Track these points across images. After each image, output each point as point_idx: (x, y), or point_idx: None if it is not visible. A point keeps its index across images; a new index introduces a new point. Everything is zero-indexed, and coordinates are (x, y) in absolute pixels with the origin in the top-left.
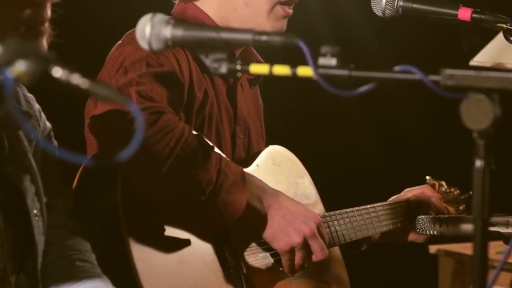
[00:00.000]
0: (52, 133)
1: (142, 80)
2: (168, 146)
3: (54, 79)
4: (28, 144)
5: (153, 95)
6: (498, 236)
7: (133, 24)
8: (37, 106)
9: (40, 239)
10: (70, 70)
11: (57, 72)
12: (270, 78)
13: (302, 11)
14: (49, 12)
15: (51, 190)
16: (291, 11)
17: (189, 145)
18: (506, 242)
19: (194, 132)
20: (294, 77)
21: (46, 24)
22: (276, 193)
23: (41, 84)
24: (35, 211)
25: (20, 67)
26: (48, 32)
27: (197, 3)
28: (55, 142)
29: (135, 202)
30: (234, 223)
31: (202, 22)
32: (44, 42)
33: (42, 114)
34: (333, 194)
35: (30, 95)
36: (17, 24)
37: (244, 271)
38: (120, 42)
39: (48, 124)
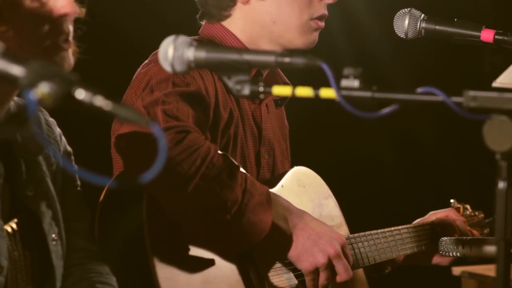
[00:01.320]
0: (72, 157)
1: (168, 99)
2: (193, 165)
3: (78, 101)
4: (47, 168)
5: (179, 114)
6: None
7: (159, 44)
8: (58, 130)
9: (58, 263)
10: (93, 91)
11: (81, 94)
12: (296, 99)
13: (325, 33)
14: (71, 27)
15: (72, 213)
16: (323, 23)
17: (215, 164)
18: None
19: (219, 152)
20: (317, 99)
21: (69, 39)
22: (302, 213)
23: (65, 106)
24: (53, 236)
25: (43, 89)
26: (74, 49)
27: (223, 23)
28: (76, 166)
29: (160, 221)
30: (259, 243)
31: (228, 42)
32: (68, 57)
33: (63, 138)
34: (358, 216)
35: (51, 120)
36: (39, 39)
37: None
38: (146, 61)
39: (69, 148)
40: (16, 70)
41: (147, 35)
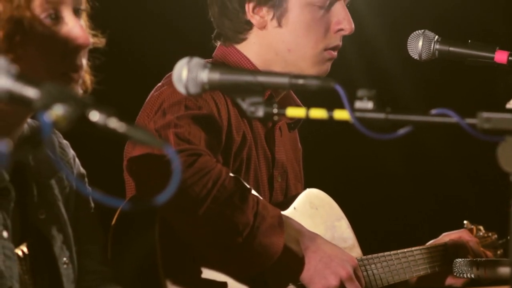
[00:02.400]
0: (86, 179)
1: (180, 122)
2: (205, 188)
3: (92, 123)
4: (60, 192)
5: (191, 137)
6: None
7: (173, 66)
8: (71, 152)
9: (69, 286)
10: (107, 113)
11: (95, 116)
12: (309, 122)
13: (339, 55)
14: (84, 60)
15: (85, 236)
16: (336, 53)
17: (226, 187)
18: None
19: (231, 174)
20: (330, 120)
21: (81, 71)
22: (314, 236)
23: (79, 128)
24: (64, 259)
25: (57, 111)
26: (90, 79)
27: (238, 47)
28: (89, 188)
29: (172, 243)
30: (271, 266)
31: (242, 66)
32: (76, 89)
33: (77, 160)
34: (370, 237)
35: (65, 142)
36: (51, 70)
37: None
38: (160, 84)
39: (82, 171)
40: (30, 92)
41: (160, 58)
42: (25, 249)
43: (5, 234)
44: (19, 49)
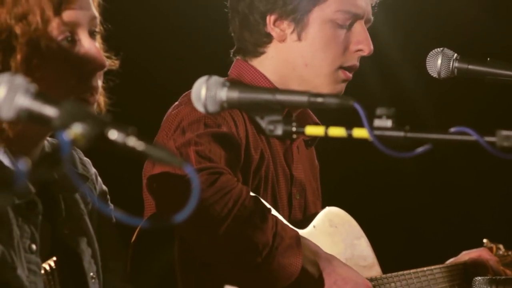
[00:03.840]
0: (108, 197)
1: (201, 140)
2: (226, 207)
3: (111, 142)
4: (85, 206)
5: (211, 155)
6: None
7: (190, 85)
8: (93, 170)
9: None
10: (126, 132)
11: (113, 134)
12: (327, 139)
13: (357, 73)
14: (99, 82)
15: (107, 252)
16: (351, 75)
17: (247, 206)
18: None
19: (251, 194)
20: (349, 138)
21: (97, 93)
22: (330, 258)
23: (98, 147)
24: (91, 274)
25: (76, 129)
26: (104, 101)
27: (254, 63)
28: (111, 206)
29: (191, 262)
30: (288, 286)
31: (258, 83)
32: (101, 107)
33: (99, 178)
34: (390, 255)
35: (86, 159)
36: (68, 92)
37: None
38: (177, 103)
39: (104, 188)
40: (49, 111)
41: (174, 78)
42: (52, 264)
43: (33, 247)
44: (37, 72)
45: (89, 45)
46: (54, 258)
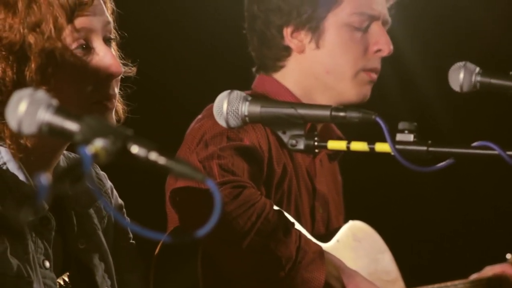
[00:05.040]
0: (124, 210)
1: (223, 153)
2: (249, 221)
3: (133, 156)
4: (99, 221)
5: (234, 169)
6: None
7: (213, 98)
8: (109, 183)
9: None
10: (148, 147)
11: (135, 149)
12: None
13: (379, 87)
14: (116, 88)
15: (124, 266)
16: (375, 76)
17: (270, 220)
18: None
19: (275, 207)
20: (371, 153)
21: (114, 100)
22: (353, 273)
23: (119, 161)
24: None
25: (98, 144)
26: (122, 108)
27: (277, 76)
28: (128, 219)
29: (215, 276)
30: None
31: (282, 97)
32: (111, 117)
33: (114, 192)
34: (413, 270)
35: (102, 173)
36: (84, 100)
37: None
38: (200, 116)
39: (120, 201)
40: (71, 125)
41: (200, 90)
42: (66, 279)
43: (47, 264)
44: (52, 81)
45: (104, 52)
46: (68, 273)
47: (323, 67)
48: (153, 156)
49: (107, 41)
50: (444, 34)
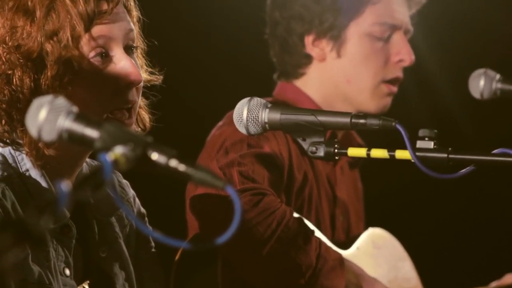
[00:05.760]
0: (146, 219)
1: (244, 160)
2: (269, 228)
3: (153, 163)
4: (121, 230)
5: (255, 176)
6: None
7: (233, 105)
8: (131, 192)
9: None
10: (168, 154)
11: (155, 156)
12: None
13: (399, 95)
14: (136, 95)
15: (145, 275)
16: (395, 89)
17: (290, 228)
18: None
19: (295, 215)
20: (392, 160)
21: (134, 107)
22: (373, 281)
23: (140, 168)
24: None
25: (118, 151)
26: (148, 116)
27: (298, 83)
28: (150, 228)
29: (235, 282)
30: None
31: (302, 103)
32: (132, 124)
33: (137, 200)
34: (434, 277)
35: (125, 181)
36: (103, 107)
37: None
38: (220, 123)
39: (143, 210)
40: (91, 133)
41: (219, 95)
42: (86, 287)
43: (67, 271)
44: (69, 89)
45: (124, 60)
46: (88, 281)
47: (344, 76)
48: (173, 163)
49: (128, 49)
50: (463, 40)
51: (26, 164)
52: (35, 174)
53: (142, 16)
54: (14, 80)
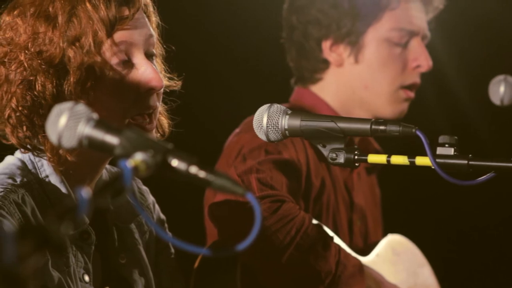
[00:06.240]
0: (166, 225)
1: (262, 167)
2: (288, 235)
3: (173, 170)
4: (140, 236)
5: (273, 182)
6: None
7: (250, 110)
8: (151, 198)
9: None
10: (188, 160)
11: (175, 162)
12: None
13: (419, 101)
14: (157, 100)
15: (165, 280)
16: (413, 94)
17: (309, 234)
18: None
19: (314, 221)
20: (412, 166)
21: (155, 112)
22: None
23: (160, 175)
24: None
25: (138, 158)
26: (167, 122)
27: (314, 89)
28: (169, 234)
29: None
30: None
31: (319, 109)
32: (153, 130)
33: (156, 206)
34: (453, 284)
35: (144, 188)
36: (124, 113)
37: None
38: (237, 130)
39: (162, 216)
40: (111, 139)
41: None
42: None
43: (86, 278)
44: (92, 94)
45: (145, 66)
46: None
47: (361, 82)
48: (193, 169)
49: (149, 54)
50: (481, 45)
51: (46, 170)
52: (54, 180)
53: (160, 22)
54: (37, 86)
